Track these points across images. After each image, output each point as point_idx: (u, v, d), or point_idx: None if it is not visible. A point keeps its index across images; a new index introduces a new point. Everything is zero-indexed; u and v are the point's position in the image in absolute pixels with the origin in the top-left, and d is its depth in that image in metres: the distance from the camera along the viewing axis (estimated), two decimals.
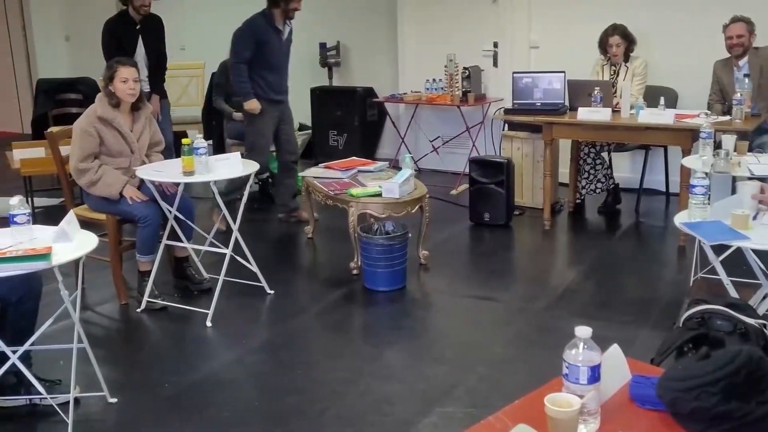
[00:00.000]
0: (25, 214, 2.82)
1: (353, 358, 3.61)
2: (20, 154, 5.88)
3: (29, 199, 6.10)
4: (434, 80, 7.00)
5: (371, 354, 3.67)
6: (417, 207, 4.59)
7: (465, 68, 6.66)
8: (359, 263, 4.53)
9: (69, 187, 4.37)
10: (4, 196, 4.87)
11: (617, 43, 5.53)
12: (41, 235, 2.89)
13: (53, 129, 4.60)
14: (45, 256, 2.64)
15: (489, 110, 6.83)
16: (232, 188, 5.22)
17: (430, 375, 3.38)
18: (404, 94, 7.19)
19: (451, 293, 4.41)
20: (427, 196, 4.70)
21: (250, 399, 3.24)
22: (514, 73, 5.75)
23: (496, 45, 6.88)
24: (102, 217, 4.18)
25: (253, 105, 5.42)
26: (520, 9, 6.65)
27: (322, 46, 7.87)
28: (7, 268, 2.59)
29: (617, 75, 5.64)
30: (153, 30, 6.05)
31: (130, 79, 4.06)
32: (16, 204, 2.84)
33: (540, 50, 6.67)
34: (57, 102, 7.30)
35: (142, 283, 4.24)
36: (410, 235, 4.47)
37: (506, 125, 6.06)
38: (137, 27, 5.96)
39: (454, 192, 6.48)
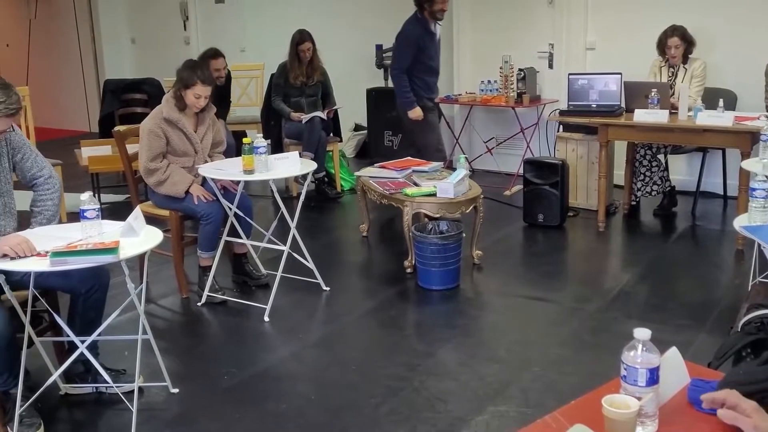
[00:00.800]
0: (94, 209, 2.89)
1: (407, 355, 3.62)
2: (88, 152, 6.04)
3: (96, 195, 6.27)
4: (489, 82, 6.95)
5: (425, 351, 3.67)
6: (471, 207, 4.58)
7: (520, 70, 6.60)
8: (413, 262, 4.53)
9: (134, 184, 4.47)
10: (73, 192, 5.03)
11: (676, 44, 5.42)
12: (109, 230, 2.96)
13: (120, 128, 4.71)
14: (113, 250, 2.71)
15: (544, 112, 6.76)
16: None
17: (483, 373, 3.36)
18: (459, 95, 7.16)
19: (504, 293, 4.38)
20: (482, 196, 4.68)
21: (306, 392, 3.27)
22: (569, 74, 5.69)
23: (551, 46, 6.80)
24: (166, 213, 4.26)
25: (417, 113, 5.58)
26: (577, 10, 6.56)
27: (379, 47, 7.88)
28: (77, 261, 2.67)
29: (675, 77, 5.52)
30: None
31: (202, 97, 4.13)
32: (87, 200, 2.91)
33: (596, 51, 6.57)
34: (123, 102, 7.47)
35: (202, 278, 4.31)
36: (464, 234, 4.45)
37: (561, 126, 5.99)
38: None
39: (507, 193, 6.43)
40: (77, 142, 6.69)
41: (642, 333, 1.59)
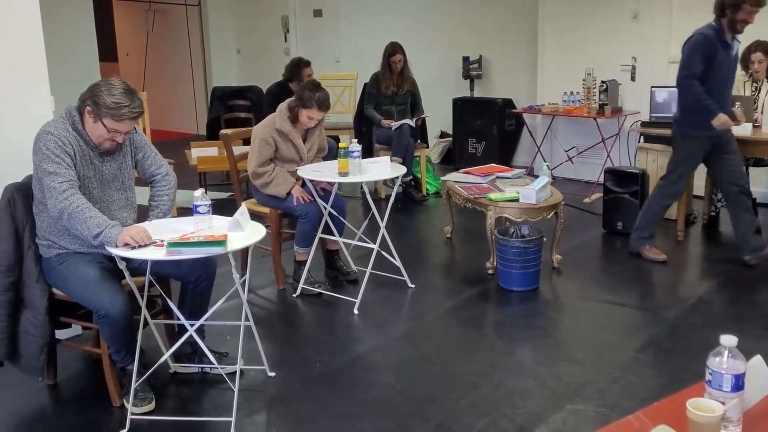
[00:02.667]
0: (206, 204, 2.99)
1: (487, 352, 3.60)
2: (197, 153, 6.25)
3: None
4: (571, 93, 6.83)
5: (504, 349, 3.64)
6: (552, 213, 4.51)
7: (603, 82, 6.47)
8: (494, 263, 4.50)
9: (239, 183, 4.60)
10: (184, 189, 5.20)
11: (759, 59, 5.20)
12: (218, 224, 3.05)
13: (227, 131, 4.85)
14: (221, 242, 2.79)
15: (625, 123, 6.61)
16: None
17: (561, 373, 3.31)
18: (542, 105, 7.07)
19: (582, 297, 4.30)
20: (562, 203, 4.61)
21: (391, 383, 3.29)
22: (652, 87, 5.54)
23: (634, 59, 6.63)
24: (266, 210, 4.37)
25: (722, 120, 4.39)
26: (661, 24, 6.38)
27: (465, 59, 7.86)
28: (190, 251, 2.76)
29: (759, 91, 5.30)
30: None
31: (314, 119, 4.21)
32: (199, 196, 3.01)
33: None
34: (228, 107, 7.69)
35: (298, 271, 4.40)
36: (545, 239, 4.39)
37: (642, 137, 5.83)
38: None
39: (587, 200, 6.30)
40: (187, 143, 6.93)
41: (728, 339, 1.55)
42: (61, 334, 3.31)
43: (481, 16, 7.84)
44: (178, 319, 3.10)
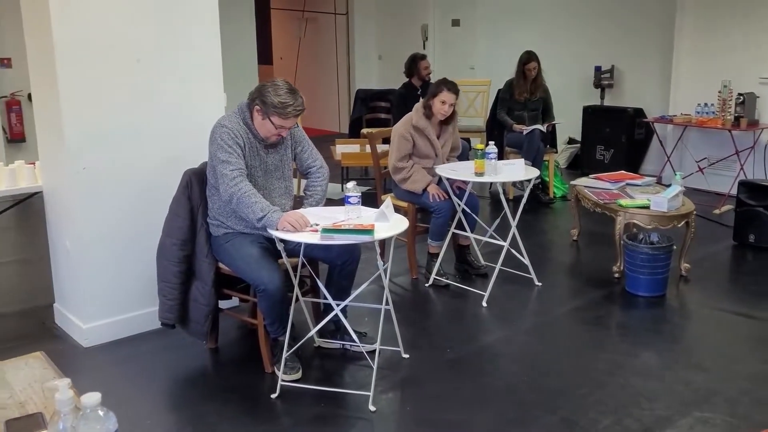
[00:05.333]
0: (357, 196, 3.06)
1: (612, 352, 3.47)
2: (341, 149, 6.42)
3: (345, 185, 6.64)
4: (705, 104, 6.46)
5: (629, 351, 3.50)
6: (683, 222, 4.29)
7: (740, 94, 6.07)
8: (621, 268, 4.34)
9: (380, 178, 4.68)
10: (330, 182, 5.34)
11: None
12: (365, 215, 3.12)
13: (371, 130, 4.95)
14: (370, 231, 2.85)
15: (761, 136, 6.17)
16: None
17: (688, 379, 3.15)
18: (674, 115, 6.72)
19: (710, 306, 4.06)
20: (694, 212, 4.37)
21: (518, 373, 3.25)
22: None
23: None
24: (404, 205, 4.42)
25: None
26: None
27: (597, 68, 7.62)
28: (342, 237, 2.84)
29: None
30: None
31: (447, 103, 4.22)
32: (351, 188, 3.09)
33: None
34: (370, 108, 7.84)
35: (430, 263, 4.42)
36: (675, 247, 4.18)
37: None
38: (418, 92, 6.38)
39: (716, 211, 5.94)
40: (330, 140, 7.13)
41: None
42: (222, 304, 3.50)
43: (615, 27, 7.56)
44: (325, 298, 3.20)
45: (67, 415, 1.21)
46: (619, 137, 7.25)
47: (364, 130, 7.37)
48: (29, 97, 7.65)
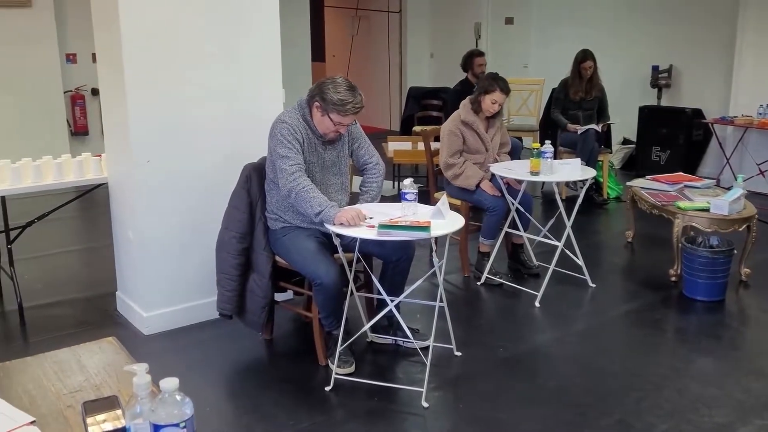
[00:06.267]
0: (413, 193, 3.06)
1: (669, 357, 3.40)
2: (393, 146, 6.42)
3: (395, 183, 6.66)
4: None
5: (687, 357, 3.42)
6: (744, 226, 4.17)
7: None
8: (679, 271, 4.24)
9: (433, 176, 4.68)
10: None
11: None
12: (421, 212, 3.12)
13: (425, 128, 4.95)
14: (426, 228, 2.85)
15: None
16: None
17: (748, 386, 3.06)
18: (735, 117, 6.53)
19: None
20: (756, 216, 4.24)
21: (571, 375, 3.21)
22: None
23: None
24: (457, 202, 4.40)
25: None
26: None
27: (655, 68, 7.45)
28: (398, 234, 2.85)
29: None
30: None
31: (498, 103, 4.20)
32: (408, 185, 3.09)
33: None
34: (421, 106, 7.83)
35: (481, 261, 4.40)
36: (735, 251, 4.07)
37: None
38: (474, 89, 6.36)
39: None
40: (383, 137, 7.14)
41: None
42: (278, 296, 3.55)
43: (674, 27, 7.38)
44: (379, 293, 3.22)
45: (143, 398, 1.25)
46: (676, 138, 7.08)
47: (416, 128, 7.38)
48: (93, 91, 7.89)
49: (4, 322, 3.84)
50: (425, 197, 4.63)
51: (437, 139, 4.59)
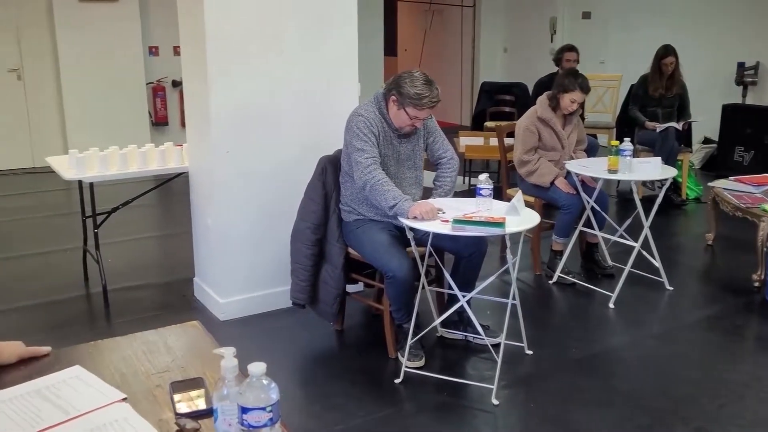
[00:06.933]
0: (489, 188, 3.04)
1: (751, 364, 3.27)
2: (465, 141, 6.39)
3: (466, 178, 6.61)
4: None
5: None
6: None
7: None
8: (763, 276, 4.06)
9: (506, 172, 4.62)
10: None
11: None
12: (496, 207, 3.09)
13: (499, 123, 4.89)
14: (501, 224, 2.82)
15: None
16: None
17: None
18: None
19: None
20: None
21: (647, 378, 3.12)
22: None
23: None
24: (530, 199, 4.33)
25: None
26: None
27: (740, 65, 7.15)
28: (473, 229, 2.83)
29: None
30: None
31: (576, 102, 4.12)
32: (484, 180, 3.07)
33: None
34: (494, 101, 7.75)
35: (553, 260, 4.32)
36: None
37: None
38: None
39: None
40: (454, 132, 7.09)
41: None
42: (349, 288, 3.58)
43: (762, 22, 7.05)
44: (451, 288, 3.20)
45: (230, 381, 1.28)
46: (761, 138, 6.77)
47: (488, 123, 7.30)
48: (173, 83, 8.15)
49: (89, 303, 4.01)
50: (497, 193, 4.58)
51: (510, 135, 4.53)
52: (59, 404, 1.40)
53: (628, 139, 4.01)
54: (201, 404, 1.39)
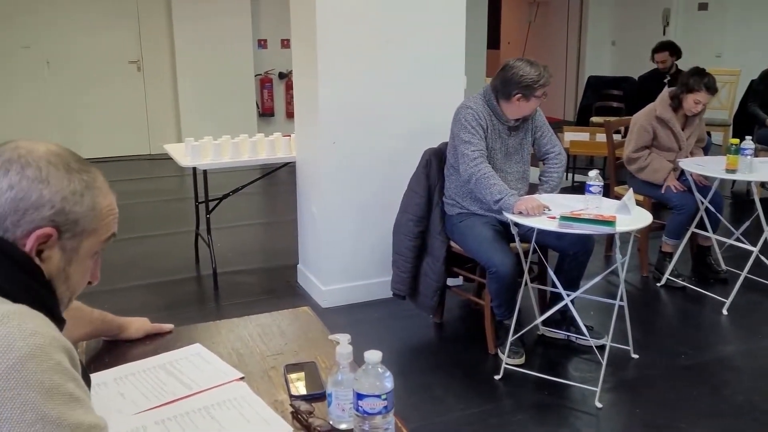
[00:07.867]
0: (599, 185, 2.94)
1: None
2: (570, 137, 6.21)
3: (570, 174, 6.44)
4: None
5: None
6: None
7: None
8: None
9: (614, 168, 4.46)
10: None
11: None
12: (606, 205, 2.99)
13: (608, 119, 4.72)
14: (611, 223, 2.73)
15: None
16: None
17: None
18: None
19: None
20: None
21: (761, 391, 2.93)
22: None
23: None
24: (640, 198, 4.15)
25: None
26: None
27: None
28: (581, 227, 2.75)
29: None
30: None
31: (701, 103, 3.91)
32: (593, 177, 2.98)
33: None
34: (601, 96, 7.50)
35: (662, 261, 4.14)
36: None
37: None
38: (666, 80, 5.95)
39: None
40: (558, 127, 6.91)
41: None
42: (449, 281, 3.56)
43: None
44: (555, 286, 3.13)
45: (344, 367, 1.30)
46: None
47: (595, 118, 7.08)
48: (279, 75, 8.37)
49: (200, 285, 4.20)
50: (606, 191, 4.44)
51: (618, 131, 4.37)
52: (182, 379, 1.47)
53: (749, 137, 3.78)
54: (314, 388, 1.43)
